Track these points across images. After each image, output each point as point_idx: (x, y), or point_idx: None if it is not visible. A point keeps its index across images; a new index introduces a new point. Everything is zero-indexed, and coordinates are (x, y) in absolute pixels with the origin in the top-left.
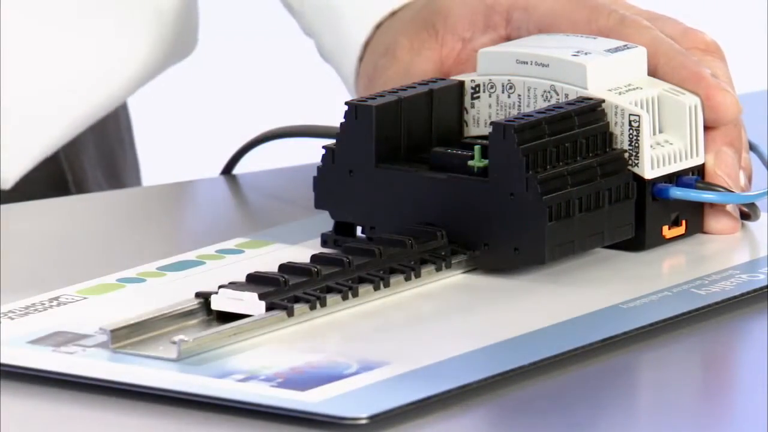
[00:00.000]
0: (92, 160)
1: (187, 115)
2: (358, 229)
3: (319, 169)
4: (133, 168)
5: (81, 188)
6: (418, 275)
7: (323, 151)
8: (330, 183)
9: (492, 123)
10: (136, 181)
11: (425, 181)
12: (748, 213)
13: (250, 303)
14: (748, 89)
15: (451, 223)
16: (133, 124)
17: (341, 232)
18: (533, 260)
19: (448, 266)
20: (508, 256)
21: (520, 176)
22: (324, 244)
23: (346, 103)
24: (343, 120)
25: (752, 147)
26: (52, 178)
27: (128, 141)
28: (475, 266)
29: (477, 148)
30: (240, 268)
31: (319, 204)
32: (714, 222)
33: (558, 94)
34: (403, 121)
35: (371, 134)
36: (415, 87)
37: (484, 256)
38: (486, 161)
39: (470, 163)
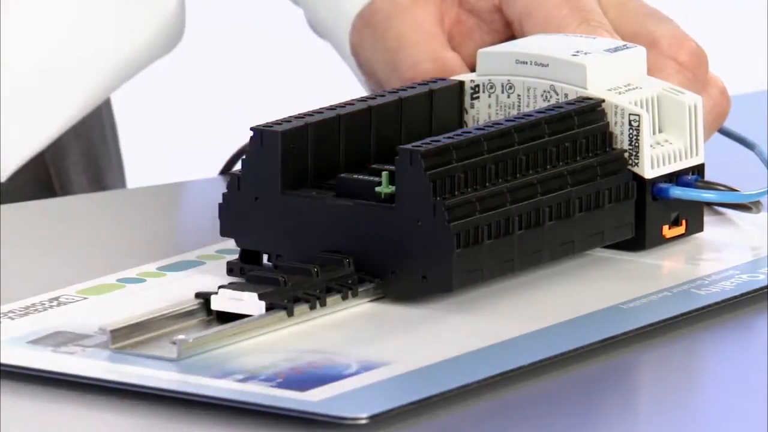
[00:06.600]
0: (77, 166)
1: (185, 115)
2: (265, 257)
3: (224, 195)
4: (118, 171)
5: (67, 193)
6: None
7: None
8: (235, 210)
9: (399, 148)
10: (120, 183)
11: (331, 207)
12: (750, 206)
13: (250, 303)
14: (748, 89)
15: (358, 251)
16: (130, 124)
17: (247, 260)
18: (441, 288)
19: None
20: (416, 284)
21: (426, 203)
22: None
23: (252, 129)
24: (249, 145)
25: (752, 147)
26: (38, 181)
27: (112, 143)
28: (383, 294)
29: (385, 174)
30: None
31: (225, 232)
32: None
33: (558, 94)
34: (311, 146)
35: (277, 160)
36: (352, 104)
37: (392, 284)
38: (393, 187)
39: (377, 189)
